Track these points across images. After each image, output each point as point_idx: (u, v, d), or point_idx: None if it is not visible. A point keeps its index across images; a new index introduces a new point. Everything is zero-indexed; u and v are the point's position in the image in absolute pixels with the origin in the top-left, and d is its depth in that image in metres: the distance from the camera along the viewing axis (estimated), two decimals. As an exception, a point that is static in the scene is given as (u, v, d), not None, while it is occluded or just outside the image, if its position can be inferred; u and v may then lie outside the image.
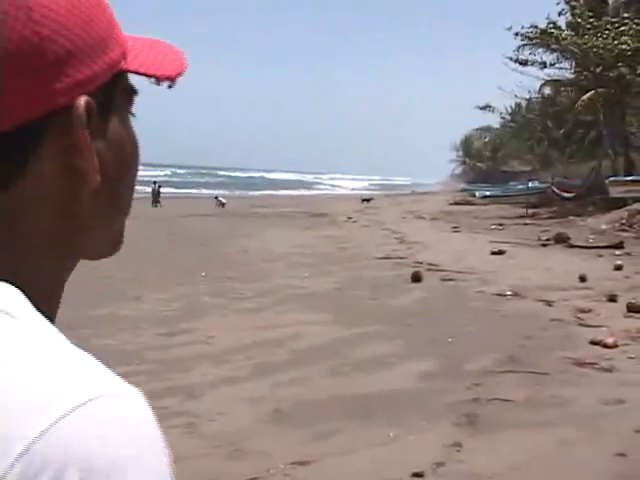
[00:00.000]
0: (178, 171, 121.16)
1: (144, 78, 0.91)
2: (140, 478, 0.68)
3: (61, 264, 0.89)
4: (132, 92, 0.92)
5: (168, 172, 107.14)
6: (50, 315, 0.84)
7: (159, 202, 50.38)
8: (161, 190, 52.66)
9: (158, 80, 0.90)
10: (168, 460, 0.72)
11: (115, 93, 0.87)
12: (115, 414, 0.69)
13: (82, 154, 0.82)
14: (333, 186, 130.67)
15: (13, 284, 0.80)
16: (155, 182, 51.74)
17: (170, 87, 0.92)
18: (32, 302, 0.79)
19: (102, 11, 0.86)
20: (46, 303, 0.84)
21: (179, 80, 0.94)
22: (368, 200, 56.62)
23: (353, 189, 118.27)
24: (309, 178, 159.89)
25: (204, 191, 75.37)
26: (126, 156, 0.89)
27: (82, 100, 0.81)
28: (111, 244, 0.94)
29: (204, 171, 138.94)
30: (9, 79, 0.78)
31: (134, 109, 0.95)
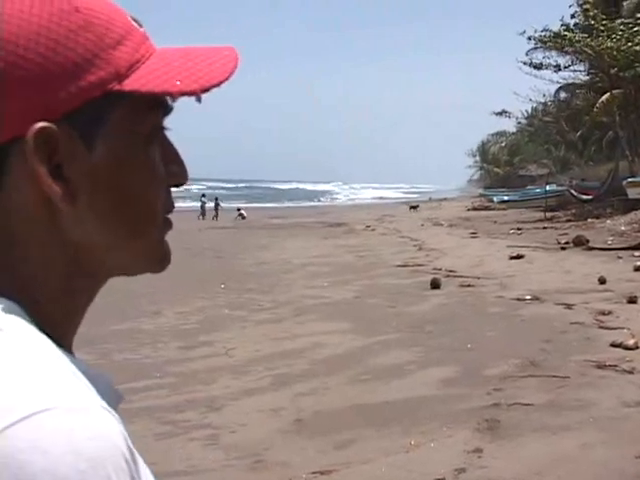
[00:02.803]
0: (211, 184, 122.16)
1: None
2: None
3: (68, 285, 0.89)
4: (148, 110, 0.89)
5: (204, 185, 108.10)
6: (63, 338, 0.86)
7: (217, 215, 51.68)
8: (213, 204, 53.91)
9: (172, 96, 0.89)
10: None
11: (107, 115, 0.86)
12: (64, 428, 0.70)
13: (39, 180, 0.83)
14: (354, 197, 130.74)
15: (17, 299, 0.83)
16: (204, 195, 53.97)
17: (197, 101, 0.90)
18: (38, 324, 0.81)
19: (87, 34, 0.84)
20: (57, 327, 0.86)
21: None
22: (415, 207, 58.03)
23: (381, 197, 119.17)
24: (332, 188, 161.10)
25: (225, 204, 75.75)
26: (120, 180, 0.87)
27: (35, 127, 0.81)
28: (143, 261, 0.94)
29: (232, 185, 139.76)
30: None
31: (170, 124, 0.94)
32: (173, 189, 0.95)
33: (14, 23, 0.82)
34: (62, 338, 0.85)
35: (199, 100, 0.90)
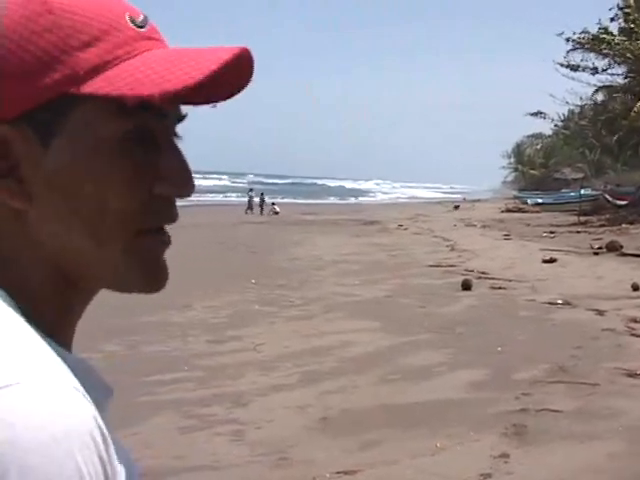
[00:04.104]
0: (255, 179, 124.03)
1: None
2: (38, 467, 0.69)
3: (54, 284, 0.90)
4: (122, 115, 0.86)
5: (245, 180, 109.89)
6: (53, 333, 0.85)
7: (262, 208, 52.59)
8: (262, 199, 54.90)
9: (128, 101, 0.84)
10: (82, 458, 0.72)
11: (64, 117, 0.85)
12: (31, 402, 0.71)
13: None
14: (391, 196, 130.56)
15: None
16: (251, 189, 55.73)
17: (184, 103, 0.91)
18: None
19: (49, 36, 0.84)
20: (46, 322, 0.86)
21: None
22: (457, 207, 59.39)
23: (415, 197, 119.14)
24: (372, 186, 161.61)
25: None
26: (78, 183, 0.86)
27: None
28: (123, 275, 0.90)
29: (279, 181, 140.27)
30: None
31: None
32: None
33: None
34: (56, 334, 0.86)
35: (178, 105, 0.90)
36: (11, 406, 0.71)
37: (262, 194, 55.27)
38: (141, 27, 0.90)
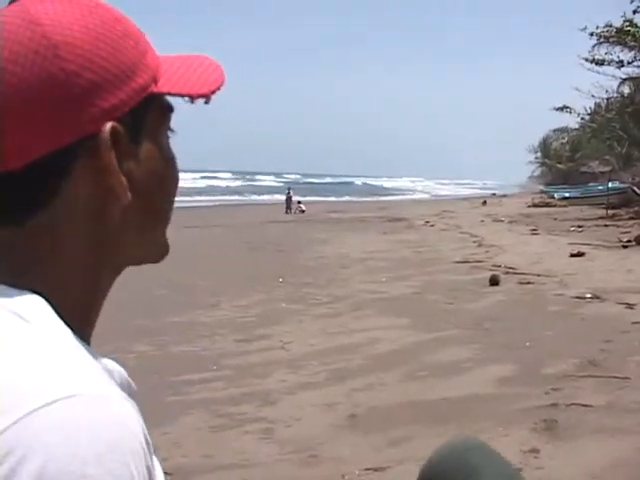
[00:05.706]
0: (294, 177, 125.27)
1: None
2: (96, 478, 0.72)
3: (96, 280, 0.95)
4: (167, 110, 0.97)
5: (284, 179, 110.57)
6: (82, 330, 0.90)
7: (291, 208, 52.08)
8: (290, 197, 54.26)
9: (192, 98, 0.96)
10: (135, 466, 0.75)
11: (147, 115, 0.93)
12: (85, 414, 0.74)
13: (110, 175, 0.88)
14: (422, 192, 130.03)
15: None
16: (289, 188, 55.19)
17: (206, 103, 0.97)
18: (62, 317, 0.85)
19: (129, 41, 0.91)
20: (77, 320, 0.90)
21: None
22: (484, 203, 59.28)
23: (439, 195, 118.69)
24: (403, 183, 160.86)
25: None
26: (157, 173, 0.95)
27: (108, 126, 0.87)
28: (155, 252, 1.02)
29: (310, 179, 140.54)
30: (41, 111, 0.85)
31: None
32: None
33: (76, 30, 0.88)
34: (82, 330, 0.90)
35: (207, 102, 0.97)
36: (68, 418, 0.74)
37: (290, 193, 55.06)
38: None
